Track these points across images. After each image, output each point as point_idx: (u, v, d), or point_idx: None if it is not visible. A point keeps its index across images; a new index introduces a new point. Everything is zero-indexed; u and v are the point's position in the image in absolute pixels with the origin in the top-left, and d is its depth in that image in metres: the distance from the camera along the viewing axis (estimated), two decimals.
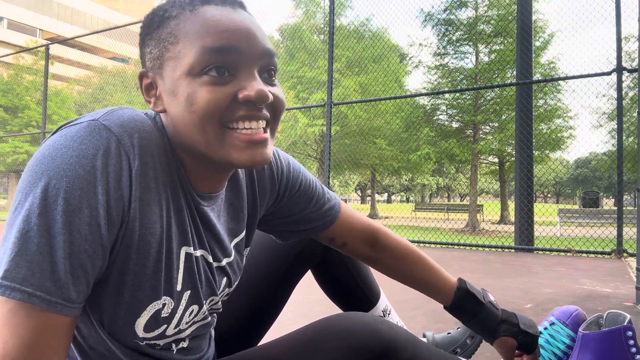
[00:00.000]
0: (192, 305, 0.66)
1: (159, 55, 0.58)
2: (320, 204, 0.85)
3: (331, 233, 0.88)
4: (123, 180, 0.53)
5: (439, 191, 49.08)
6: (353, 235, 0.90)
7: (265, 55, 0.59)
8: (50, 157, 0.51)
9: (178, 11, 0.58)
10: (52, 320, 0.49)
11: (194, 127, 0.56)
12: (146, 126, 0.57)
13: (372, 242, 0.92)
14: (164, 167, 0.59)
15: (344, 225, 0.88)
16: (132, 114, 0.57)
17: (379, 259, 0.93)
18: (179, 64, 0.56)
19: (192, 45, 0.55)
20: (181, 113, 0.56)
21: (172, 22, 0.58)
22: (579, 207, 15.55)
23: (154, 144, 0.57)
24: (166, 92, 0.58)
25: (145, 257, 0.58)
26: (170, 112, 0.59)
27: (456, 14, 13.44)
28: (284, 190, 0.81)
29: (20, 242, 0.48)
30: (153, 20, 0.60)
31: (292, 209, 0.83)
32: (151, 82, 0.61)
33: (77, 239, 0.50)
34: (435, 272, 0.95)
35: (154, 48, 0.59)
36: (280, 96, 0.61)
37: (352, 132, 14.71)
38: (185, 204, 0.63)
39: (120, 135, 0.53)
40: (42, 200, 0.49)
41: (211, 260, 0.68)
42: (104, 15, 42.30)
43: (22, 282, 0.48)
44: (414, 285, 0.96)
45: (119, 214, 0.53)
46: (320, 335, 0.70)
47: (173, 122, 0.59)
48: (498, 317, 0.94)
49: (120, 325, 0.60)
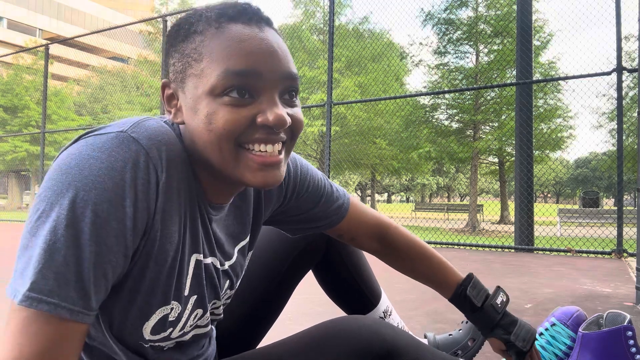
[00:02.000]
0: (197, 309, 0.67)
1: (182, 69, 0.58)
2: (329, 203, 0.86)
3: (340, 229, 0.89)
4: (150, 193, 0.54)
5: (439, 191, 49.06)
6: (362, 231, 0.91)
7: (287, 79, 0.58)
8: (77, 168, 0.50)
9: (204, 27, 0.57)
10: (70, 328, 0.50)
11: (210, 145, 0.56)
12: (172, 138, 0.58)
13: (380, 237, 0.93)
14: (184, 178, 0.59)
15: (352, 222, 0.89)
16: (158, 126, 0.57)
17: (386, 253, 0.95)
18: (202, 82, 0.56)
19: (216, 66, 0.55)
20: (200, 129, 0.56)
21: (197, 37, 0.57)
22: (579, 207, 15.54)
23: (178, 156, 0.58)
24: (187, 106, 0.58)
25: (162, 265, 0.58)
26: (189, 126, 0.59)
27: (456, 13, 13.44)
28: (291, 193, 0.81)
29: (47, 253, 0.48)
30: (179, 32, 0.60)
31: (300, 208, 0.84)
32: (173, 93, 0.61)
33: (103, 251, 0.50)
34: (441, 268, 0.97)
35: (177, 61, 0.59)
36: (299, 117, 0.61)
37: (351, 132, 14.70)
38: (199, 212, 0.64)
39: (149, 149, 0.54)
40: (69, 211, 0.49)
41: (218, 265, 0.69)
42: (104, 15, 42.27)
43: (49, 294, 0.48)
44: (419, 279, 0.98)
45: (143, 224, 0.54)
46: (323, 338, 0.70)
47: (191, 136, 0.59)
48: (494, 321, 0.95)
49: (128, 328, 0.61)
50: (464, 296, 0.95)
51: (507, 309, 0.98)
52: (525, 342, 0.94)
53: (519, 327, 0.95)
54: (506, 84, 8.01)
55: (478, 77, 13.29)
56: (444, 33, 13.75)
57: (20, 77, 20.00)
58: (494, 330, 0.95)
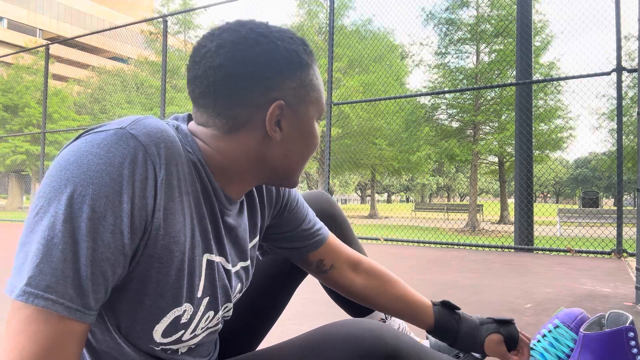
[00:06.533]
0: (209, 311, 0.67)
1: (303, 95, 0.65)
2: (312, 223, 0.87)
3: (321, 254, 0.89)
4: (148, 189, 0.54)
5: (439, 191, 49.07)
6: (342, 258, 0.91)
7: None
8: (76, 164, 0.51)
9: (310, 60, 0.66)
10: (70, 327, 0.50)
11: (303, 158, 0.69)
12: (171, 136, 0.58)
13: (358, 265, 0.93)
14: (187, 177, 0.60)
15: (332, 247, 0.90)
16: (158, 124, 0.58)
17: (366, 283, 0.93)
18: (315, 109, 0.68)
19: (321, 98, 0.69)
20: (300, 145, 0.67)
21: (310, 70, 0.66)
22: (578, 207, 15.55)
23: (178, 154, 0.58)
24: (295, 126, 0.66)
25: (168, 266, 0.58)
26: (286, 141, 0.65)
27: (457, 13, 13.44)
28: (286, 202, 0.83)
29: (45, 248, 0.48)
30: (292, 60, 0.64)
31: (289, 224, 0.85)
32: (281, 113, 0.63)
33: (100, 247, 0.50)
34: (414, 295, 0.95)
35: (298, 87, 0.65)
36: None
37: (352, 132, 14.71)
38: (207, 212, 0.64)
39: (147, 145, 0.54)
40: (67, 207, 0.49)
41: (230, 267, 0.70)
42: (104, 15, 42.27)
43: (45, 289, 0.48)
44: (396, 310, 0.95)
45: (142, 222, 0.54)
46: (325, 341, 0.70)
47: (284, 150, 0.66)
48: (475, 321, 0.95)
49: (138, 331, 0.60)
50: (442, 305, 0.95)
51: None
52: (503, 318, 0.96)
53: (482, 323, 0.96)
54: (506, 84, 8.00)
55: (478, 77, 13.29)
56: (445, 33, 13.76)
57: (20, 77, 20.00)
58: (481, 331, 0.94)
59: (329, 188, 5.81)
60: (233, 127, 0.62)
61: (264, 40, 0.62)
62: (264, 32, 0.62)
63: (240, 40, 0.61)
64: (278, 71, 0.62)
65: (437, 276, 3.14)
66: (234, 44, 0.61)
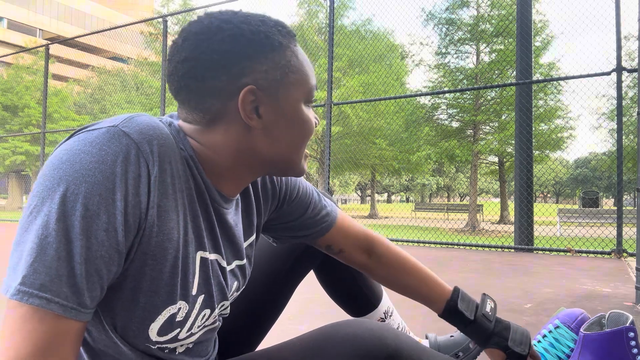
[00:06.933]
0: (205, 309, 0.67)
1: (279, 78, 0.61)
2: (317, 210, 0.86)
3: (328, 240, 0.89)
4: (141, 187, 0.54)
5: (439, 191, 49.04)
6: (350, 243, 0.91)
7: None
8: (68, 163, 0.51)
9: (286, 42, 0.62)
10: (65, 326, 0.50)
11: (295, 145, 0.65)
12: (164, 133, 0.58)
13: (369, 250, 0.93)
14: (181, 174, 0.60)
15: (340, 233, 0.89)
16: (150, 121, 0.57)
17: (374, 267, 0.94)
18: (298, 91, 0.63)
19: (306, 80, 0.65)
20: (287, 131, 0.64)
21: (286, 51, 0.62)
22: (578, 207, 15.55)
23: (171, 151, 0.58)
24: (276, 111, 0.62)
25: (162, 264, 0.58)
26: (269, 128, 0.62)
27: (457, 13, 13.45)
28: (283, 196, 0.82)
29: (39, 247, 0.48)
30: (261, 42, 0.60)
31: (291, 214, 0.84)
32: (255, 98, 0.60)
33: (94, 245, 0.50)
34: (429, 282, 0.95)
35: (271, 69, 0.61)
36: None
37: (352, 132, 14.70)
38: (200, 209, 0.64)
39: (139, 142, 0.54)
40: (60, 205, 0.49)
41: (225, 265, 0.69)
42: (104, 15, 42.26)
43: (40, 288, 0.48)
44: (408, 294, 0.96)
45: (136, 220, 0.54)
46: (326, 341, 0.70)
47: (269, 138, 0.63)
48: (488, 330, 0.94)
49: (133, 329, 0.60)
50: (455, 311, 0.93)
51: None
52: (523, 346, 0.93)
53: (513, 332, 0.94)
54: (506, 84, 8.00)
55: (478, 77, 13.29)
56: (445, 33, 13.76)
57: (20, 77, 19.98)
58: (490, 339, 0.93)
59: (329, 188, 5.82)
60: (211, 120, 0.61)
61: (227, 27, 0.59)
62: (228, 18, 0.60)
63: (203, 29, 0.60)
64: (245, 55, 0.59)
65: (437, 276, 3.14)
66: (196, 35, 0.60)
